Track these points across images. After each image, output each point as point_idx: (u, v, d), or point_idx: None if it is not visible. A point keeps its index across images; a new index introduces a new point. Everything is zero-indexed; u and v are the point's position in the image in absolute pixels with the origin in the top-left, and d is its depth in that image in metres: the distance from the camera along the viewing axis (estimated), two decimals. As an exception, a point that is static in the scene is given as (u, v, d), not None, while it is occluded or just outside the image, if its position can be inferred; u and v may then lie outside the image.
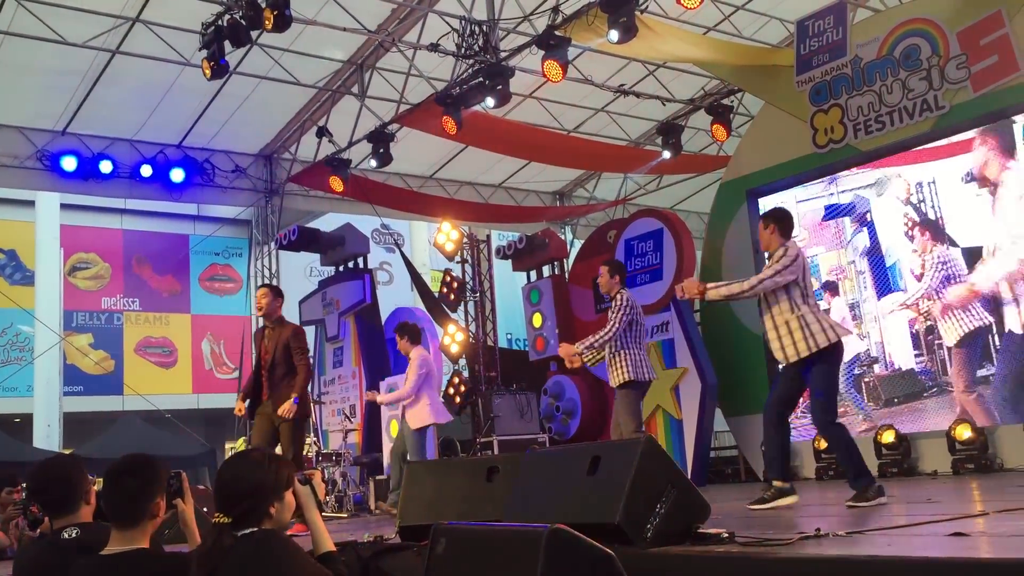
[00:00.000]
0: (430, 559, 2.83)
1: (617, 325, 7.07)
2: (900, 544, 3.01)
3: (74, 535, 3.33)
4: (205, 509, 7.46)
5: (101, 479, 3.15)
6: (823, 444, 9.36)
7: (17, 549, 6.27)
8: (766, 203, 10.39)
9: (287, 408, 6.93)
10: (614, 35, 9.08)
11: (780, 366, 5.81)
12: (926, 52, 9.13)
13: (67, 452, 16.75)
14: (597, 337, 7.10)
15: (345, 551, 4.21)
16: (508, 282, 16.60)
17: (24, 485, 7.71)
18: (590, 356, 7.38)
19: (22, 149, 12.49)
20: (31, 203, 19.94)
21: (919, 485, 7.31)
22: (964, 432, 8.40)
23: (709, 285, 5.60)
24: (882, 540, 3.19)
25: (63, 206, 20.33)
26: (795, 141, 10.16)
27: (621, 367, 7.09)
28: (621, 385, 7.11)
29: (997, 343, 8.68)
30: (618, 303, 7.16)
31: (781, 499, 5.39)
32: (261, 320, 7.45)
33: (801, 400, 5.89)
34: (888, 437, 8.94)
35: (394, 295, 19.39)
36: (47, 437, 18.91)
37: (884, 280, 9.66)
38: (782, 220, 5.77)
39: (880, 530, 3.52)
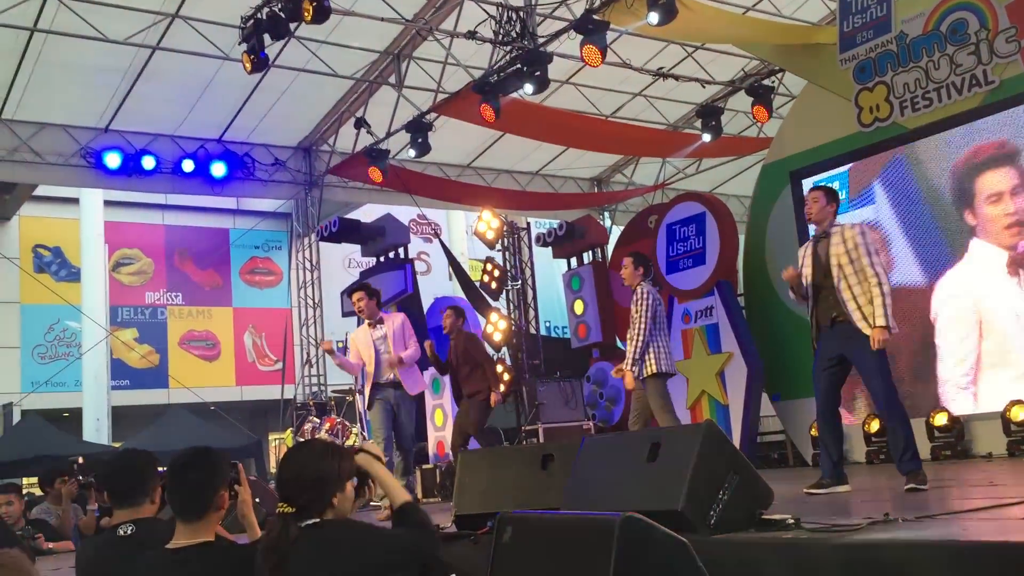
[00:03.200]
0: (496, 548, 2.81)
1: (644, 323, 7.34)
2: (974, 528, 2.94)
3: (130, 532, 3.34)
4: (257, 500, 7.55)
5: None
6: (874, 427, 9.23)
7: (76, 547, 6.38)
8: (810, 185, 10.22)
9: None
10: (654, 17, 8.99)
11: (817, 365, 5.77)
12: (974, 26, 8.91)
13: (117, 446, 17.01)
14: (634, 346, 7.34)
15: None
16: (545, 270, 16.56)
17: (80, 476, 7.89)
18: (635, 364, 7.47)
19: (67, 147, 12.67)
20: (75, 200, 20.20)
21: (976, 468, 7.18)
22: (1020, 413, 8.22)
23: (879, 323, 5.40)
24: (954, 524, 3.12)
25: (106, 203, 20.58)
26: (840, 120, 9.97)
27: (649, 359, 7.32)
28: (649, 376, 7.35)
29: None
30: (639, 297, 7.42)
31: (837, 486, 5.44)
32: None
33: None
34: (941, 419, 8.77)
35: (433, 285, 19.43)
36: (96, 431, 19.18)
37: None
38: (838, 199, 5.85)
39: (949, 514, 3.45)
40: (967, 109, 8.98)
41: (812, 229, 6.01)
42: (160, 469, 3.55)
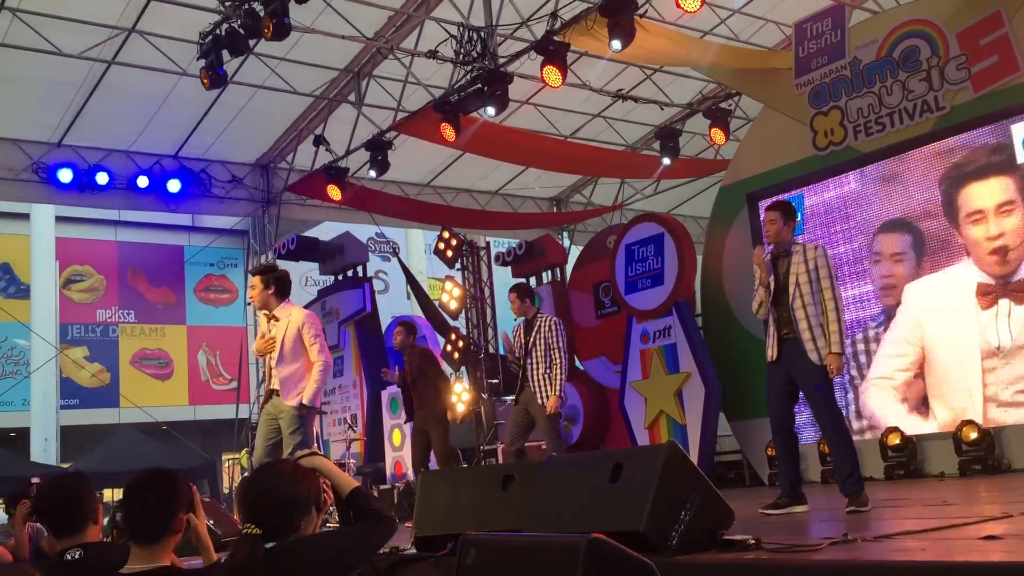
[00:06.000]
0: (459, 571, 2.78)
1: (564, 354, 7.80)
2: (933, 548, 2.97)
3: (77, 556, 3.25)
4: (211, 522, 7.43)
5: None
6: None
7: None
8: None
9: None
10: (616, 44, 9.07)
11: (768, 384, 5.80)
12: (925, 53, 9.12)
13: (66, 466, 16.66)
14: (558, 380, 7.71)
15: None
16: (504, 289, 16.54)
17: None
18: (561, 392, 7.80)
19: (17, 161, 12.42)
20: (26, 216, 19.87)
21: (929, 487, 7.28)
22: (971, 433, 8.37)
23: (833, 350, 5.42)
24: (913, 545, 3.15)
25: (58, 218, 20.26)
26: (795, 144, 10.14)
27: (557, 383, 7.73)
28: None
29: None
30: (552, 327, 7.89)
31: (795, 506, 5.45)
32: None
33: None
34: (894, 439, 8.90)
35: (391, 304, 19.38)
36: (44, 451, 18.80)
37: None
38: (795, 215, 5.88)
39: (907, 534, 3.49)
40: (919, 134, 9.18)
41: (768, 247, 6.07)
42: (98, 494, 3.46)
